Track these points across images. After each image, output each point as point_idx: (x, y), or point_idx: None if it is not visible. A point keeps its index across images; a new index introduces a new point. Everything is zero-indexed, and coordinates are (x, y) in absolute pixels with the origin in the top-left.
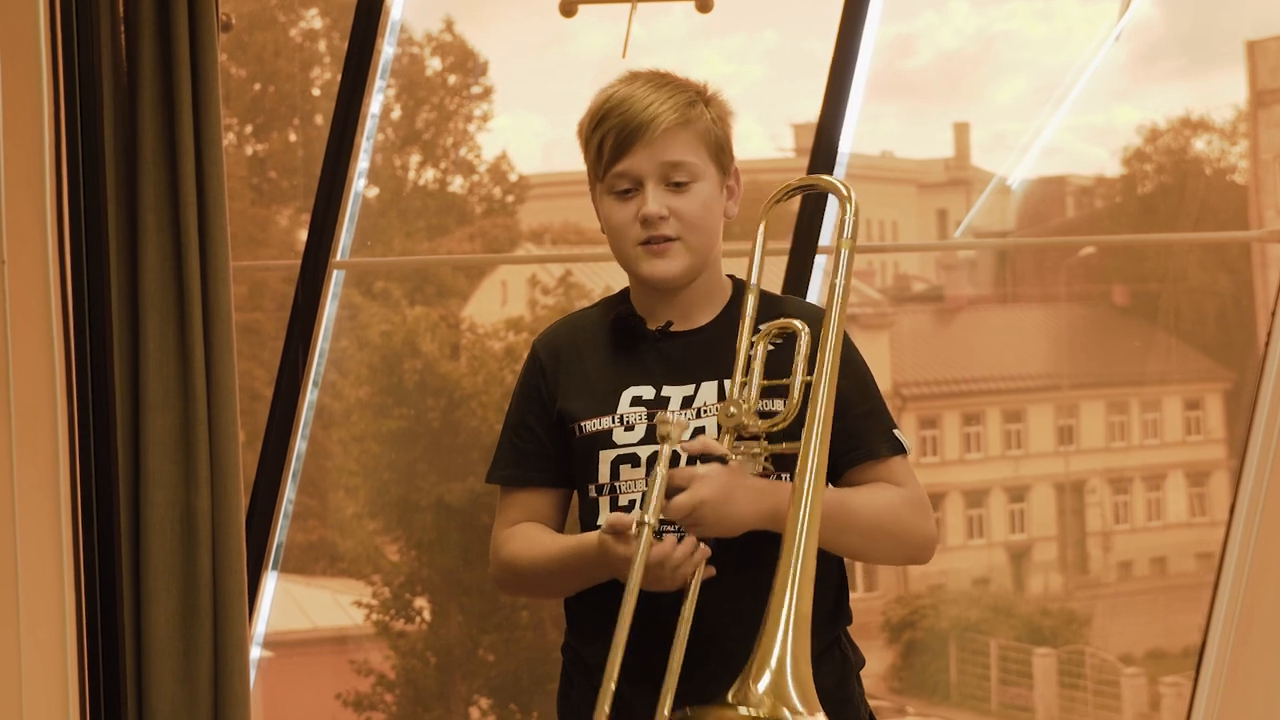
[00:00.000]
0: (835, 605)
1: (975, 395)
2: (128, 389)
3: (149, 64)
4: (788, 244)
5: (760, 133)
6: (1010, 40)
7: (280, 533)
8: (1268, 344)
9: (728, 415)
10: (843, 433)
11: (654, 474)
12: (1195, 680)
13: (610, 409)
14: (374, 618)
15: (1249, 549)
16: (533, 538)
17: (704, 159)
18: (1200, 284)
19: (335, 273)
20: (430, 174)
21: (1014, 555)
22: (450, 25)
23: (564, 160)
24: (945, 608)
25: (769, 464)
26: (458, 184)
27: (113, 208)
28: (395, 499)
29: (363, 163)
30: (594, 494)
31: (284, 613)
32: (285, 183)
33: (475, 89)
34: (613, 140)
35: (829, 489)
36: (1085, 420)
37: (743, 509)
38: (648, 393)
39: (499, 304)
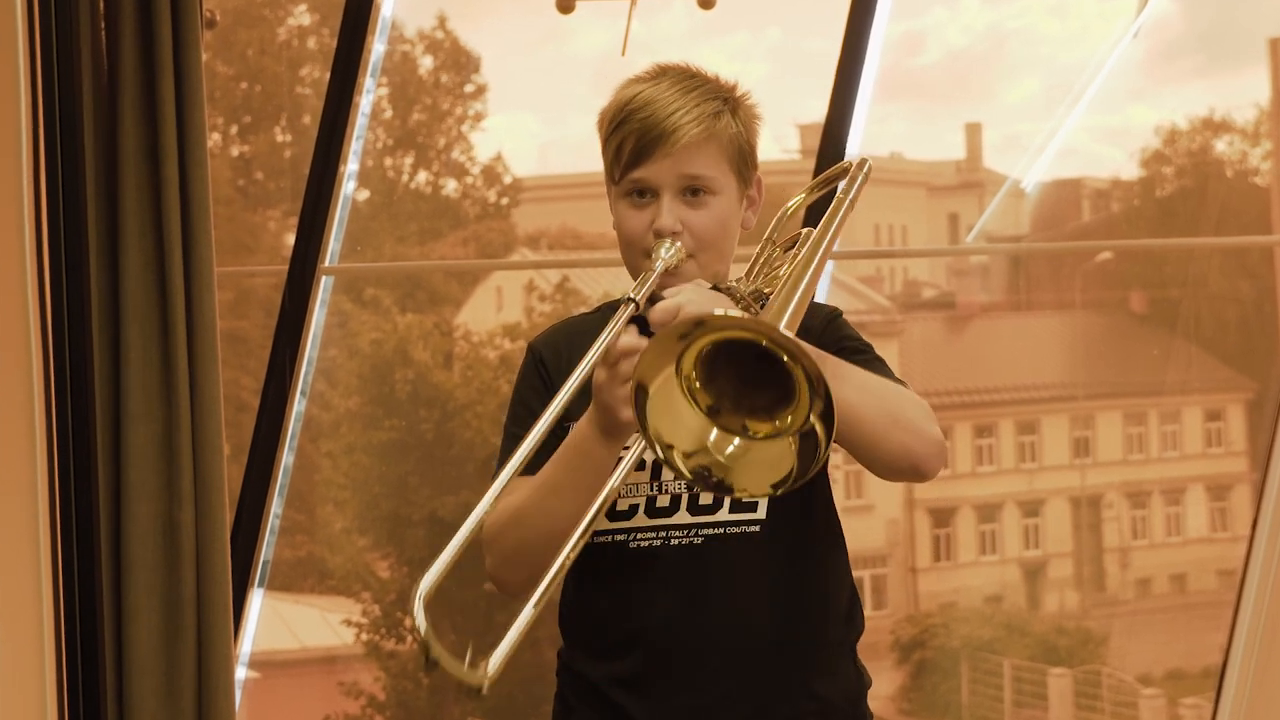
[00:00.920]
0: (849, 607)
1: (987, 406)
2: (108, 399)
3: (130, 62)
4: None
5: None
6: (1024, 37)
7: (266, 548)
8: None
9: (727, 287)
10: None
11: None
12: (1216, 702)
13: None
14: (364, 637)
15: (1272, 565)
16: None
17: (725, 172)
18: (1221, 290)
19: (324, 279)
20: (422, 176)
21: (1028, 572)
22: (443, 22)
23: (560, 162)
24: (956, 626)
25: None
26: (451, 187)
27: (93, 211)
28: (386, 514)
29: (352, 164)
30: None
31: (270, 632)
32: (272, 185)
33: (468, 88)
34: (632, 144)
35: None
36: (1102, 432)
37: None
38: None
39: (494, 311)
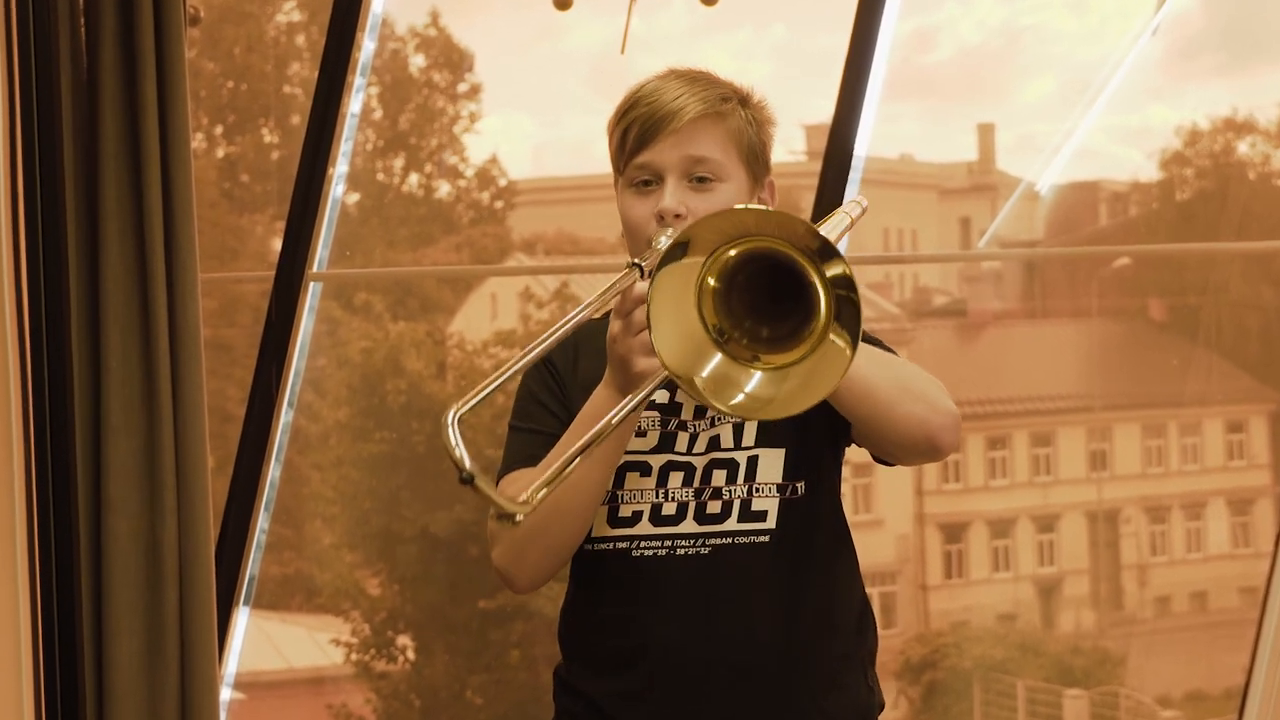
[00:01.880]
0: (860, 619)
1: (1001, 417)
2: (88, 410)
3: (111, 59)
4: None
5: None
6: (1038, 34)
7: (252, 565)
8: None
9: None
10: None
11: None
12: None
13: None
14: (353, 657)
15: None
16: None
17: (733, 160)
18: (1243, 297)
19: (312, 285)
20: (414, 179)
21: (1043, 590)
22: (435, 19)
23: (557, 164)
24: (969, 646)
25: None
26: (443, 190)
27: (72, 215)
28: (376, 529)
29: (341, 167)
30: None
31: (256, 651)
32: (258, 188)
33: (462, 87)
34: (636, 130)
35: None
36: (1119, 444)
37: None
38: (660, 396)
39: (488, 319)
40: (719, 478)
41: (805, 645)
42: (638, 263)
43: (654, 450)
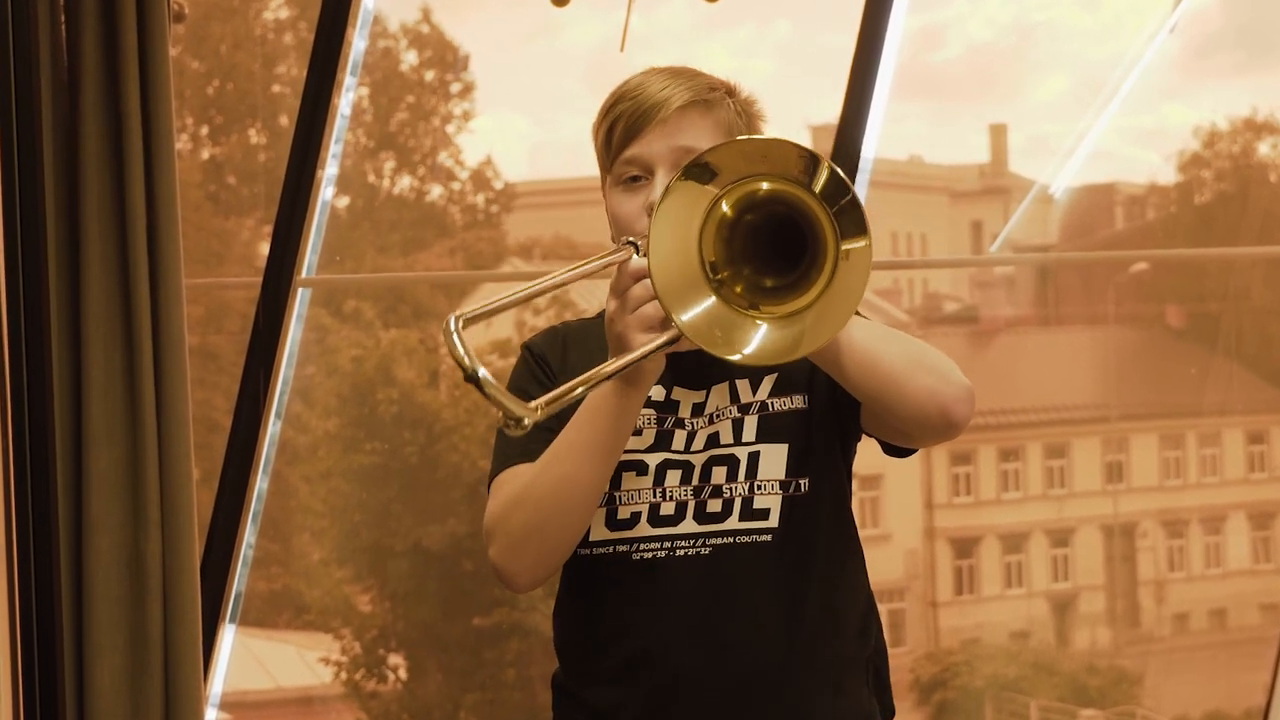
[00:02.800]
0: (864, 622)
1: (1014, 428)
2: (68, 421)
3: (92, 57)
4: None
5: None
6: (1051, 31)
7: (239, 581)
8: None
9: None
10: None
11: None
12: None
13: None
14: (343, 676)
15: None
16: (523, 470)
17: None
18: (1264, 303)
19: (300, 291)
20: (406, 181)
21: (1057, 606)
22: (428, 15)
23: (553, 165)
24: (980, 664)
25: None
26: (436, 192)
27: (52, 218)
28: (367, 543)
29: (331, 168)
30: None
31: (243, 670)
32: (245, 191)
33: (455, 86)
34: (623, 124)
35: None
36: (1136, 456)
37: None
38: (656, 393)
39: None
40: (719, 475)
41: (808, 647)
42: (632, 240)
43: (650, 449)
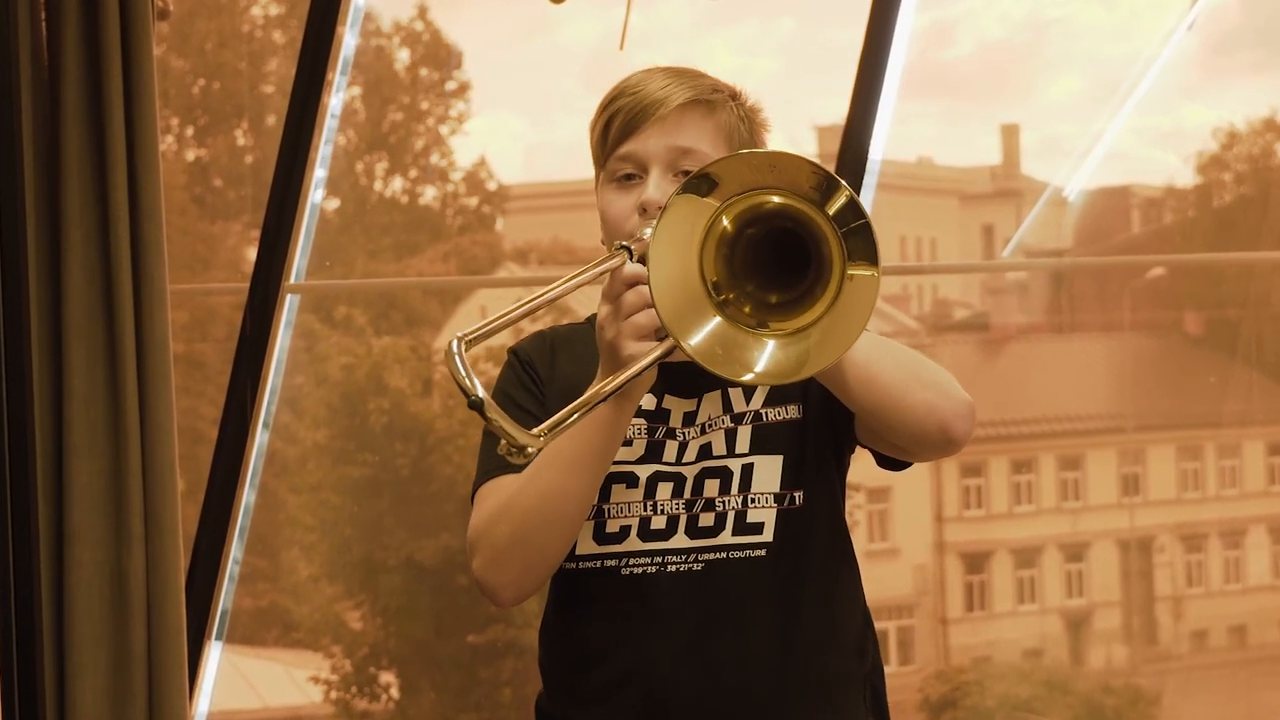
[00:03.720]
0: (860, 638)
1: (1026, 439)
2: (49, 431)
3: (73, 55)
4: None
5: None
6: (1065, 28)
7: (225, 597)
8: None
9: None
10: None
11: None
12: None
13: None
14: (333, 695)
15: None
16: (508, 481)
17: (722, 154)
18: None
19: (289, 297)
20: (398, 183)
21: (1071, 623)
22: (423, 12)
23: (549, 167)
24: (992, 684)
25: None
26: (429, 195)
27: (32, 221)
28: (358, 559)
29: (320, 170)
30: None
31: (230, 690)
32: (232, 193)
33: (449, 85)
34: (620, 120)
35: None
36: (1153, 468)
37: None
38: (646, 402)
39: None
40: (711, 488)
41: (803, 665)
42: (625, 245)
43: (640, 460)
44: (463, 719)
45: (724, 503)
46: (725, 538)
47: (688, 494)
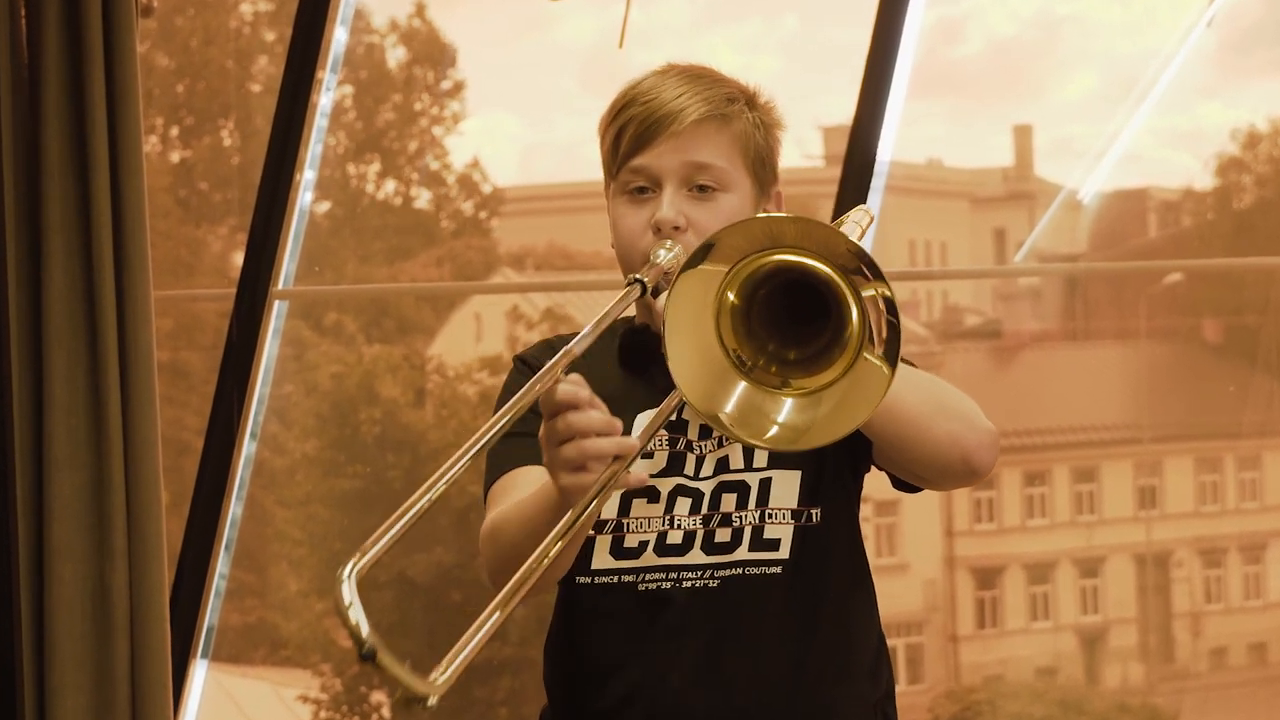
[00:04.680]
0: (875, 661)
1: (1039, 450)
2: (29, 442)
3: (54, 53)
4: None
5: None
6: (1079, 25)
7: (211, 614)
8: None
9: None
10: None
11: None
12: None
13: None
14: (323, 715)
15: None
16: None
17: (738, 167)
18: None
19: (277, 303)
20: (390, 186)
21: (1086, 641)
22: (421, 10)
23: (546, 169)
24: (1004, 703)
25: None
26: (423, 198)
27: (12, 226)
28: None
29: (310, 172)
30: (591, 530)
31: (215, 709)
32: (218, 196)
33: (445, 84)
34: (632, 130)
35: None
36: (1170, 480)
37: None
38: None
39: (472, 341)
40: (728, 502)
41: (816, 687)
42: (639, 278)
43: (663, 473)
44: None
45: (740, 518)
46: (742, 553)
47: (705, 509)
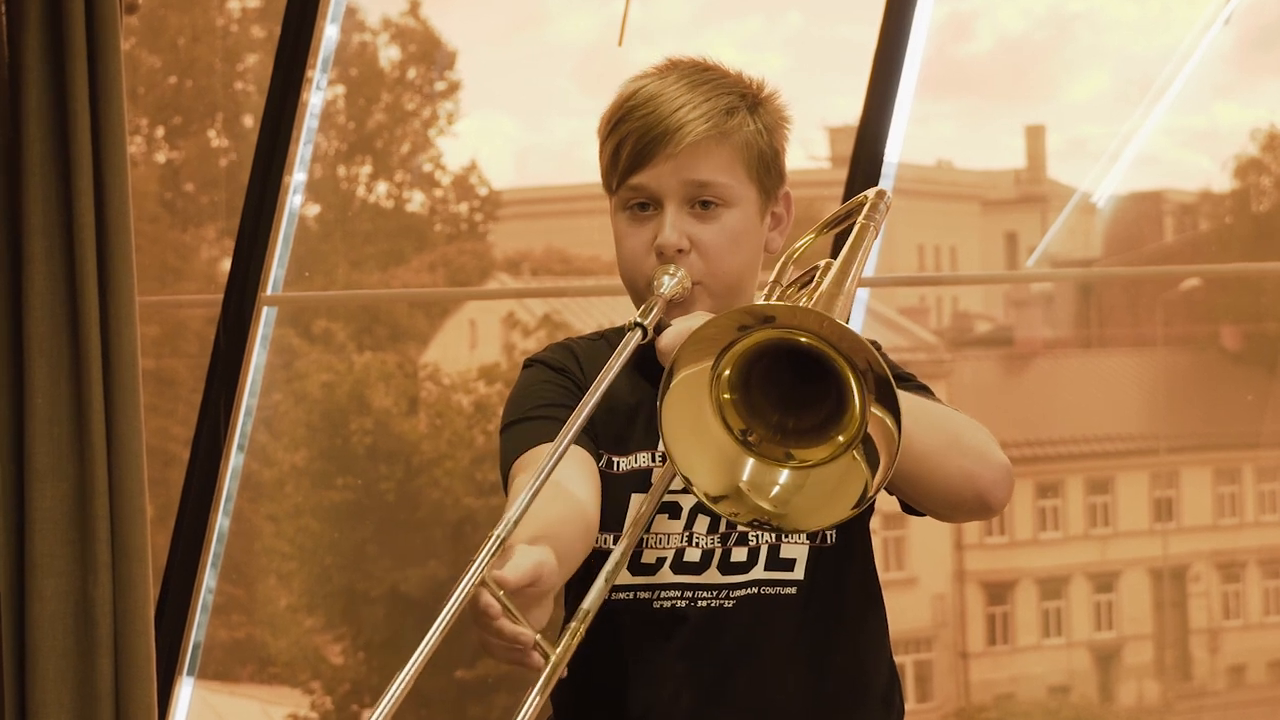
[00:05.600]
0: (887, 686)
1: (1052, 461)
2: (10, 453)
3: (36, 50)
4: None
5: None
6: (1092, 23)
7: (197, 630)
8: None
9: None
10: None
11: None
12: None
13: (651, 444)
14: None
15: None
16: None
17: (741, 180)
18: None
19: (266, 309)
20: (382, 188)
21: (1100, 658)
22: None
23: (543, 171)
24: None
25: None
26: (416, 201)
27: None
28: (339, 589)
29: (299, 175)
30: (610, 542)
31: None
32: (205, 199)
33: (439, 84)
34: (630, 147)
35: None
36: (1187, 491)
37: None
38: None
39: (467, 348)
40: None
41: (828, 712)
42: (640, 323)
43: (684, 490)
44: None
45: (757, 537)
46: (757, 572)
47: (723, 527)
